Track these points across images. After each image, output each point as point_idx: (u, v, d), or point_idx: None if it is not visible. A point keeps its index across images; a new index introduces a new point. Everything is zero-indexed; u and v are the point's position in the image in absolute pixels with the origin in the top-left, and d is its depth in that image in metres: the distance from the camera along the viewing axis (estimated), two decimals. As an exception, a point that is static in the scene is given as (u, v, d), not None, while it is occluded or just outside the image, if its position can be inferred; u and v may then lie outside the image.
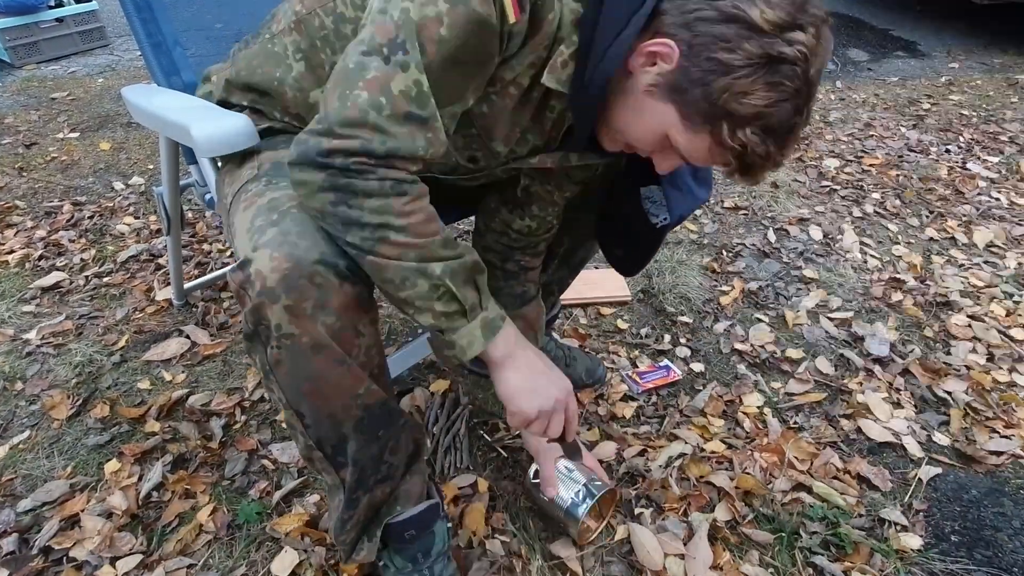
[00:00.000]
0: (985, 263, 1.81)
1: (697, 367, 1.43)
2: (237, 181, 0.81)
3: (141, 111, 1.01)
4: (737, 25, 0.61)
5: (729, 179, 0.77)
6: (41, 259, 1.74)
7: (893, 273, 1.76)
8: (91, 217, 1.95)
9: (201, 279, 1.61)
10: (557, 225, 1.04)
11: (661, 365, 1.42)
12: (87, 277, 1.68)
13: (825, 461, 1.19)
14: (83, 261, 1.74)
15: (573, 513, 0.99)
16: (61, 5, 3.27)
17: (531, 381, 0.81)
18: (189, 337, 1.48)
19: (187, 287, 1.57)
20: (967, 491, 1.16)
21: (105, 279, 1.67)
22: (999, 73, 3.31)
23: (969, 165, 2.35)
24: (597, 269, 1.73)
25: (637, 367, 1.42)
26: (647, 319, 1.59)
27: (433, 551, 0.92)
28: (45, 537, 1.04)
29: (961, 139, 2.57)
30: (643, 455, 1.21)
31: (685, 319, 1.58)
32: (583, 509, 0.98)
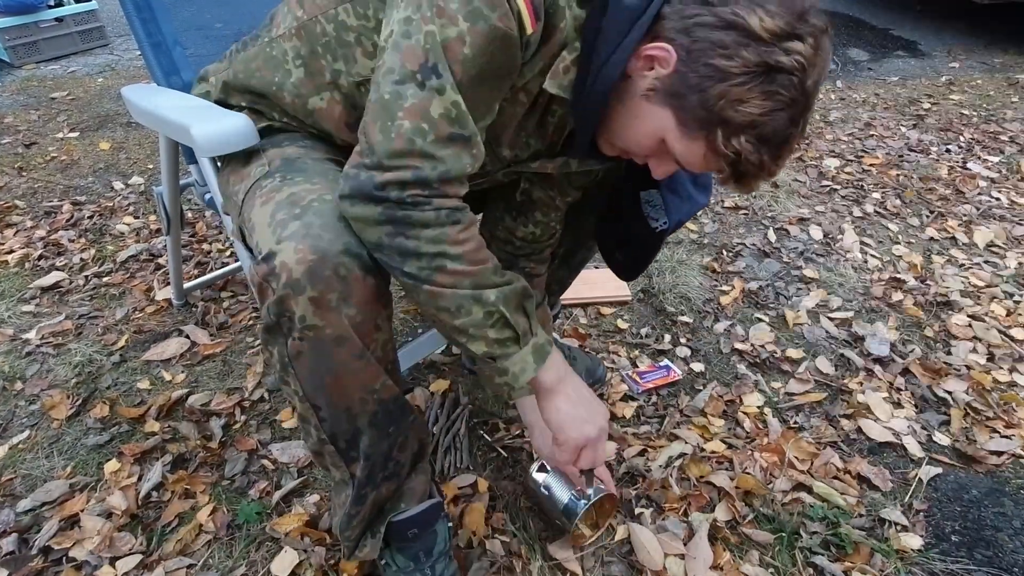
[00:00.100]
0: (985, 263, 1.81)
1: (697, 367, 1.43)
2: (247, 179, 0.81)
3: (141, 111, 1.01)
4: (735, 32, 0.61)
5: (723, 187, 0.78)
6: (41, 259, 1.74)
7: (893, 273, 1.76)
8: (91, 217, 1.95)
9: (201, 279, 1.61)
10: (560, 230, 1.04)
11: (661, 365, 1.42)
12: (87, 277, 1.67)
13: (825, 461, 1.19)
14: (83, 261, 1.74)
15: (569, 512, 0.98)
16: (61, 5, 3.27)
17: (581, 409, 0.82)
18: (189, 337, 1.48)
19: (187, 287, 1.57)
20: (967, 491, 1.16)
21: (105, 279, 1.67)
22: (999, 73, 3.31)
23: (969, 165, 2.35)
24: (597, 269, 1.73)
25: (637, 367, 1.42)
26: (647, 319, 1.59)
27: (435, 550, 0.93)
28: (45, 537, 1.04)
29: (961, 139, 2.57)
30: (643, 455, 1.21)
31: (685, 319, 1.58)
32: (580, 506, 0.97)
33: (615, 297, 1.63)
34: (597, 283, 1.65)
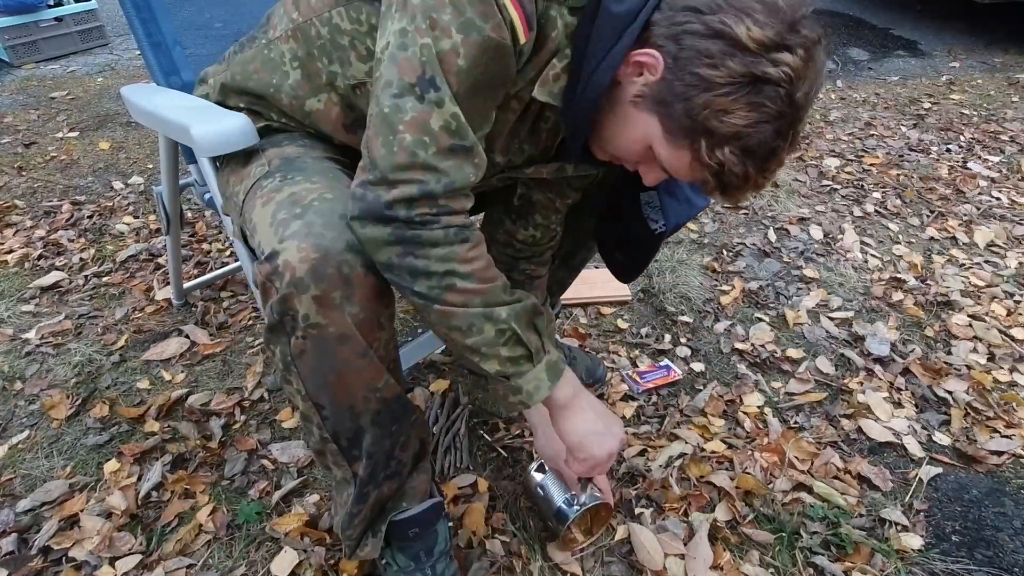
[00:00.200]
0: (986, 263, 1.81)
1: (697, 367, 1.43)
2: (247, 179, 0.81)
3: (140, 110, 1.01)
4: (722, 41, 0.60)
5: (710, 197, 0.77)
6: (40, 258, 1.74)
7: (894, 273, 1.75)
8: (90, 216, 1.94)
9: (200, 279, 1.61)
10: (560, 232, 1.04)
11: (661, 365, 1.42)
12: (86, 277, 1.67)
13: (825, 461, 1.19)
14: (82, 261, 1.74)
15: (561, 516, 0.98)
16: (60, 4, 3.26)
17: (599, 424, 0.83)
18: (188, 337, 1.47)
19: (186, 287, 1.57)
20: (968, 491, 1.16)
21: (104, 279, 1.67)
22: (1000, 72, 3.31)
23: (970, 164, 2.35)
24: (597, 269, 1.73)
25: (637, 367, 1.42)
26: (647, 319, 1.59)
27: (435, 550, 0.93)
28: (44, 537, 1.04)
29: (962, 138, 2.56)
30: (643, 455, 1.21)
31: (685, 319, 1.57)
32: (572, 512, 0.96)
33: (615, 297, 1.63)
34: (597, 283, 1.65)
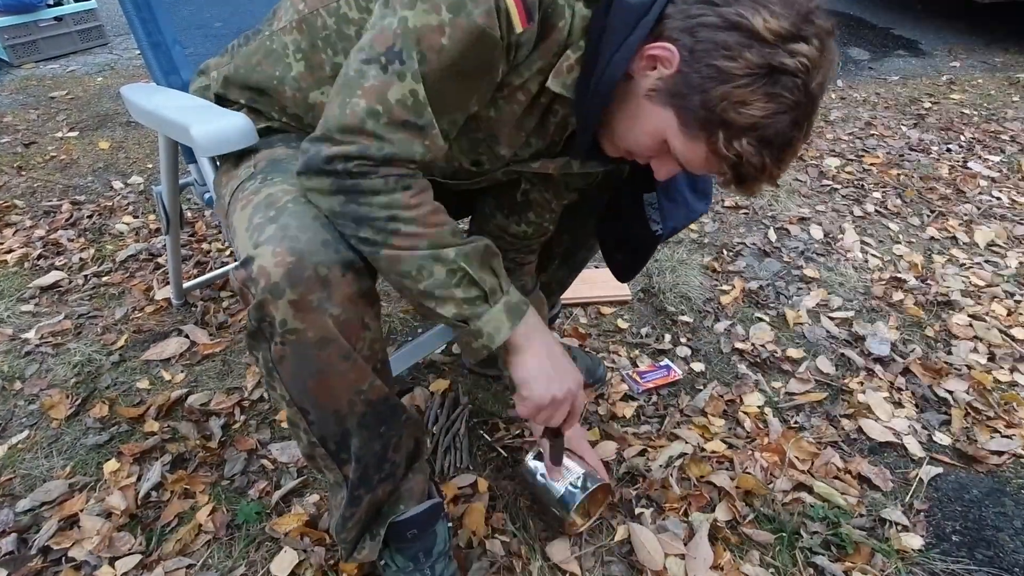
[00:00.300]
0: (986, 262, 1.81)
1: (697, 367, 1.43)
2: (234, 180, 0.81)
3: (140, 110, 1.01)
4: (739, 33, 0.60)
5: (725, 189, 0.77)
6: (40, 258, 1.74)
7: (894, 272, 1.75)
8: (90, 216, 1.94)
9: (200, 278, 1.61)
10: (552, 230, 1.04)
11: (661, 364, 1.42)
12: (86, 276, 1.67)
13: (826, 461, 1.19)
14: (82, 260, 1.74)
15: (564, 502, 0.99)
16: (60, 4, 3.26)
17: (549, 367, 0.80)
18: (188, 336, 1.47)
19: (186, 286, 1.57)
20: (968, 491, 1.16)
21: (104, 278, 1.67)
22: (1000, 72, 3.30)
23: (970, 164, 2.35)
24: (597, 269, 1.73)
25: (637, 366, 1.42)
26: (647, 318, 1.59)
27: (434, 551, 0.92)
28: (44, 537, 1.04)
29: (962, 138, 2.56)
30: (643, 455, 1.21)
31: (685, 318, 1.57)
32: (574, 498, 0.97)
33: (615, 297, 1.63)
34: (597, 283, 1.65)
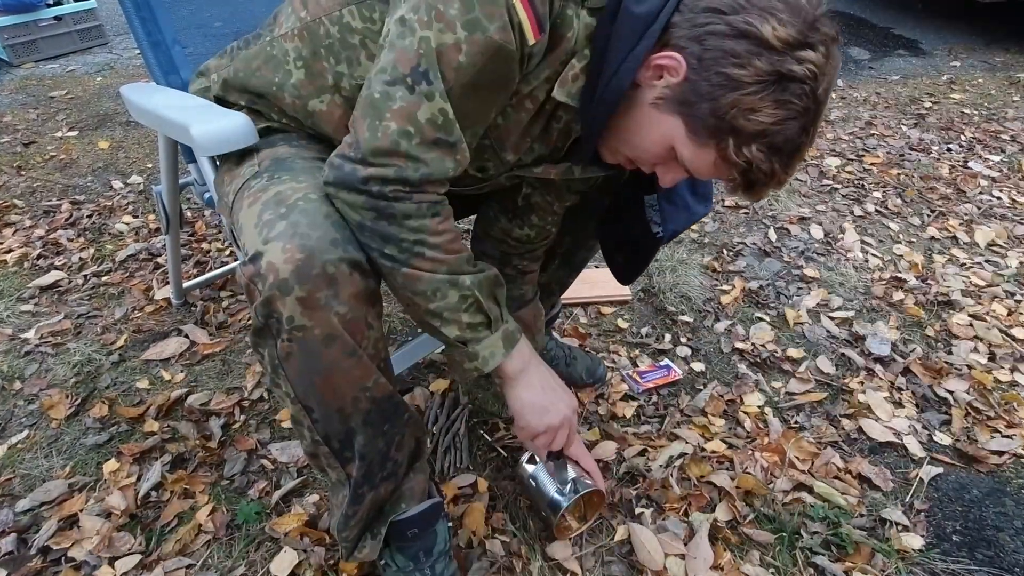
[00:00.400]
0: (987, 262, 1.81)
1: (698, 366, 1.42)
2: (237, 179, 0.81)
3: (140, 110, 1.00)
4: (748, 41, 0.60)
5: (732, 195, 0.78)
6: (39, 258, 1.74)
7: (894, 272, 1.75)
8: (90, 216, 1.94)
9: (200, 278, 1.61)
10: (555, 232, 1.05)
11: (661, 364, 1.42)
12: (85, 276, 1.67)
13: (826, 461, 1.19)
14: (81, 260, 1.73)
15: (554, 505, 0.99)
16: (60, 3, 3.26)
17: (543, 398, 0.85)
18: (188, 336, 1.47)
19: (186, 286, 1.57)
20: (968, 491, 1.16)
21: (104, 278, 1.67)
22: (1000, 72, 3.30)
23: (970, 164, 2.35)
24: (597, 268, 1.73)
25: (637, 366, 1.42)
26: (647, 318, 1.59)
27: (435, 550, 0.93)
28: (43, 537, 1.03)
29: (962, 138, 2.56)
30: (643, 455, 1.21)
31: (686, 318, 1.57)
32: (565, 502, 0.98)
33: (615, 296, 1.63)
34: (597, 283, 1.65)
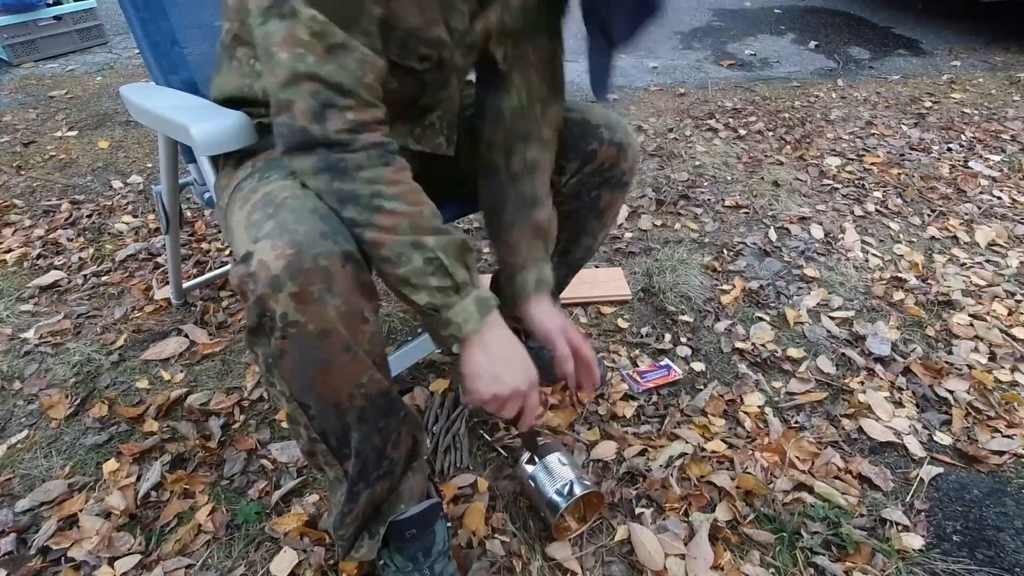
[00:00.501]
0: (987, 262, 1.80)
1: (698, 366, 1.42)
2: (233, 181, 0.81)
3: (140, 109, 1.01)
4: None
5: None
6: (39, 258, 1.74)
7: (895, 272, 1.75)
8: (89, 216, 1.94)
9: (200, 278, 1.61)
10: (550, 98, 0.96)
11: (662, 364, 1.41)
12: (85, 276, 1.67)
13: (826, 461, 1.19)
14: (81, 260, 1.73)
15: (553, 506, 0.99)
16: (59, 3, 3.26)
17: (495, 366, 0.80)
18: (188, 336, 1.47)
19: (186, 286, 1.57)
20: (969, 491, 1.15)
21: (103, 278, 1.67)
22: (1001, 71, 3.30)
23: (971, 163, 2.35)
24: (597, 268, 1.73)
25: (637, 366, 1.42)
26: (647, 318, 1.59)
27: (433, 550, 0.92)
28: (43, 537, 1.03)
29: (963, 137, 2.56)
30: (643, 455, 1.21)
31: (686, 318, 1.57)
32: (563, 503, 0.98)
33: (615, 296, 1.63)
34: (597, 283, 1.65)
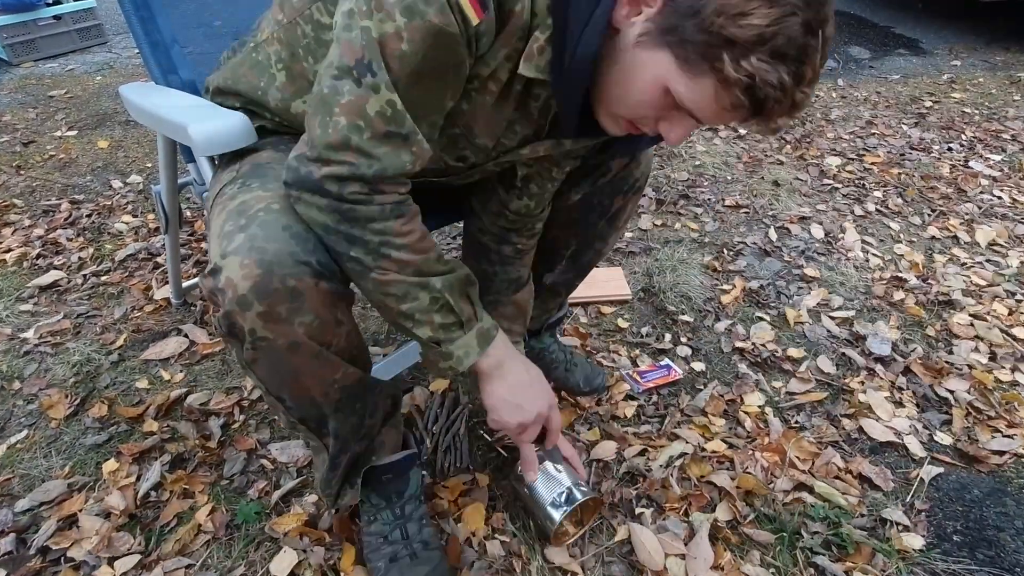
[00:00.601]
0: (987, 262, 1.80)
1: (698, 366, 1.42)
2: (218, 184, 0.81)
3: (139, 109, 1.00)
4: None
5: (747, 129, 0.74)
6: (39, 258, 1.74)
7: (895, 272, 1.75)
8: (89, 215, 1.94)
9: (199, 278, 1.60)
10: (549, 204, 1.01)
11: (662, 364, 1.41)
12: (85, 276, 1.67)
13: (826, 461, 1.19)
14: (81, 260, 1.73)
15: (551, 514, 0.98)
16: (59, 3, 3.25)
17: (516, 395, 0.86)
18: (187, 336, 1.47)
19: (185, 286, 1.56)
20: (969, 491, 1.15)
21: (103, 278, 1.67)
22: (1001, 71, 3.30)
23: (971, 163, 2.35)
24: (597, 268, 1.72)
25: (638, 366, 1.42)
26: (648, 318, 1.58)
27: (406, 493, 0.99)
28: (43, 537, 1.03)
29: (963, 137, 2.56)
30: (644, 455, 1.21)
31: (686, 318, 1.57)
32: (561, 512, 0.97)
33: (615, 296, 1.63)
34: (597, 283, 1.64)
